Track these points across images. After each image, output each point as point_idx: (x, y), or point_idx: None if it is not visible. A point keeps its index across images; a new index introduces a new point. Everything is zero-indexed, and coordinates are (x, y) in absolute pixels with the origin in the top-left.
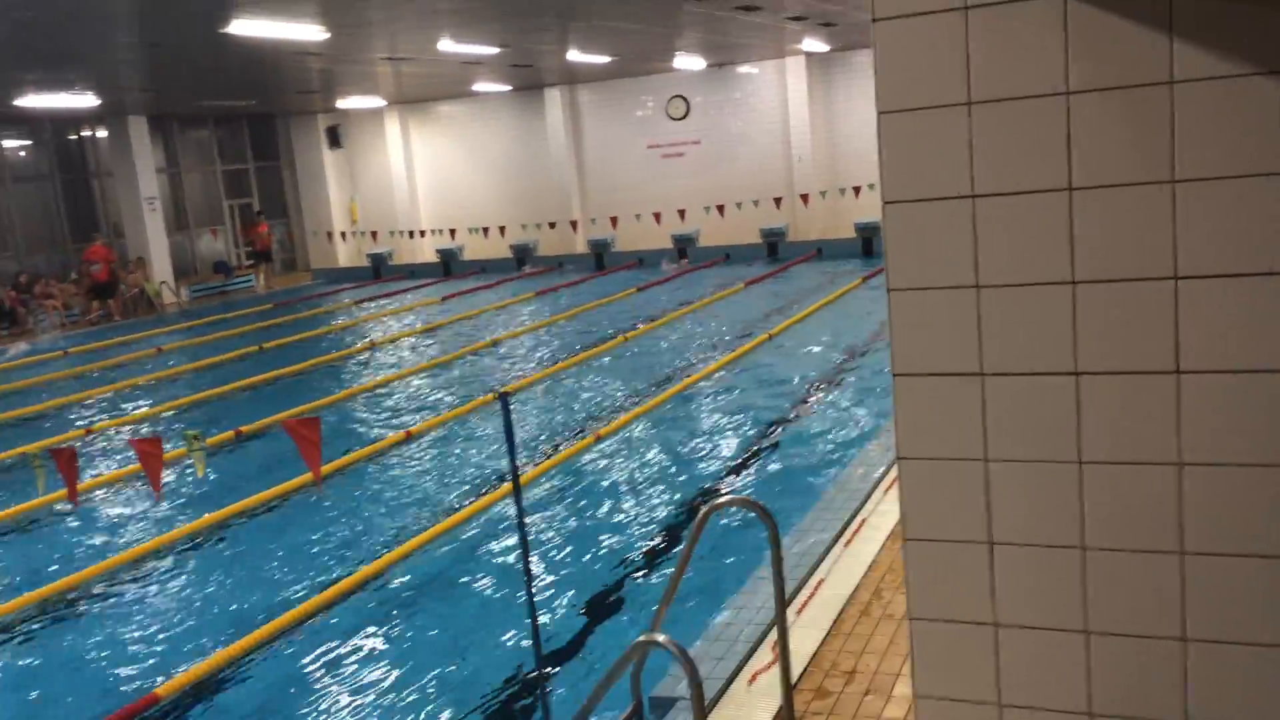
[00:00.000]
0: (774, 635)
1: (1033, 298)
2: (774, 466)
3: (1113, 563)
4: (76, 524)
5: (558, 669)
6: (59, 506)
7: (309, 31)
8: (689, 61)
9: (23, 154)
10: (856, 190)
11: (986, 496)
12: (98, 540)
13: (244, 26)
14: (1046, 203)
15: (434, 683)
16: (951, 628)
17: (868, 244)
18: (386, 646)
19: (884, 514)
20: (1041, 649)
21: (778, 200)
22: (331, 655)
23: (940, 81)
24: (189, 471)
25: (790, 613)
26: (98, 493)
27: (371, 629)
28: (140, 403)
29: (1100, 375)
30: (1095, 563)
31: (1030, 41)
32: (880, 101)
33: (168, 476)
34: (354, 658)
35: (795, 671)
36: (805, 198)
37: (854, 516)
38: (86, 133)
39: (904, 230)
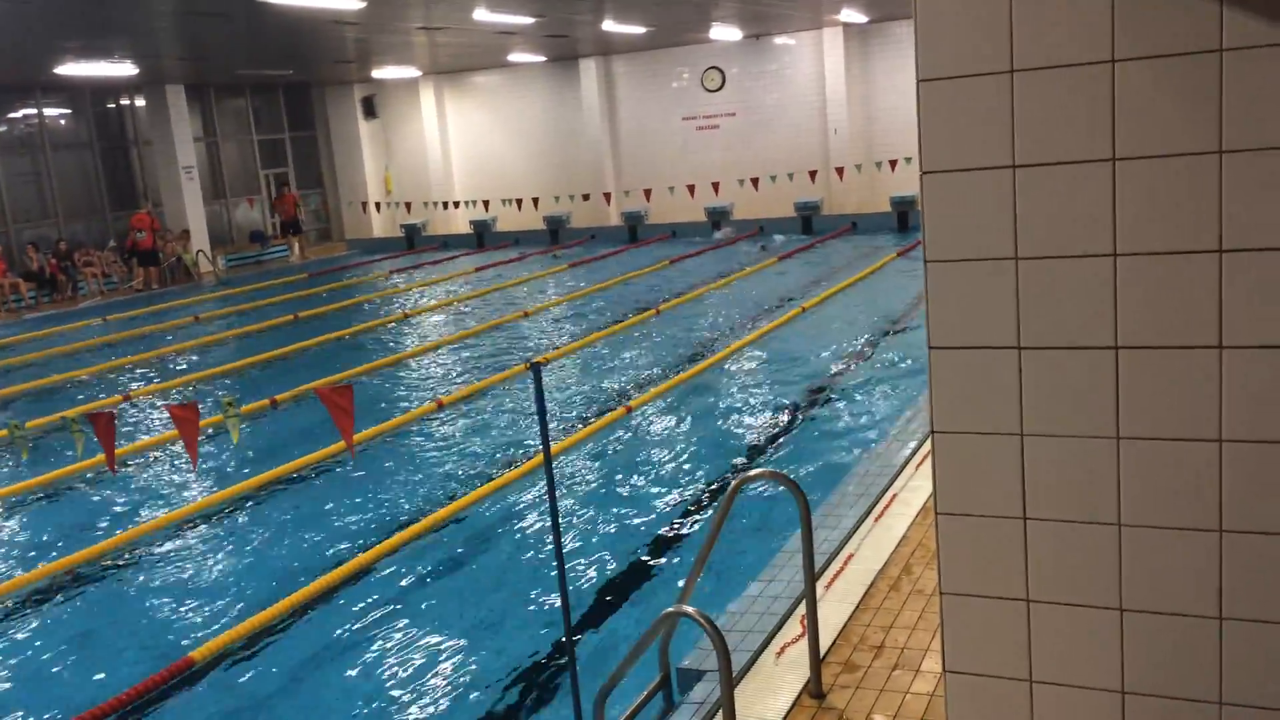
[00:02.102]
0: (803, 608)
1: (1073, 270)
2: (805, 440)
3: (1149, 539)
4: (114, 489)
5: (586, 639)
6: (93, 473)
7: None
8: (725, 32)
9: (62, 122)
10: (893, 164)
11: (1021, 471)
12: (134, 505)
13: None
14: (1089, 173)
15: (462, 651)
16: (983, 603)
17: (903, 218)
18: (415, 616)
19: (915, 489)
20: (1074, 625)
21: (813, 174)
22: (359, 624)
23: (982, 48)
24: (224, 438)
25: (819, 586)
26: (136, 459)
27: (400, 597)
28: (178, 370)
29: (1140, 350)
30: (1131, 539)
31: (1076, 7)
32: (920, 69)
33: (203, 446)
34: (382, 627)
35: (823, 645)
36: (840, 171)
37: (885, 491)
38: (125, 101)
39: (942, 201)
